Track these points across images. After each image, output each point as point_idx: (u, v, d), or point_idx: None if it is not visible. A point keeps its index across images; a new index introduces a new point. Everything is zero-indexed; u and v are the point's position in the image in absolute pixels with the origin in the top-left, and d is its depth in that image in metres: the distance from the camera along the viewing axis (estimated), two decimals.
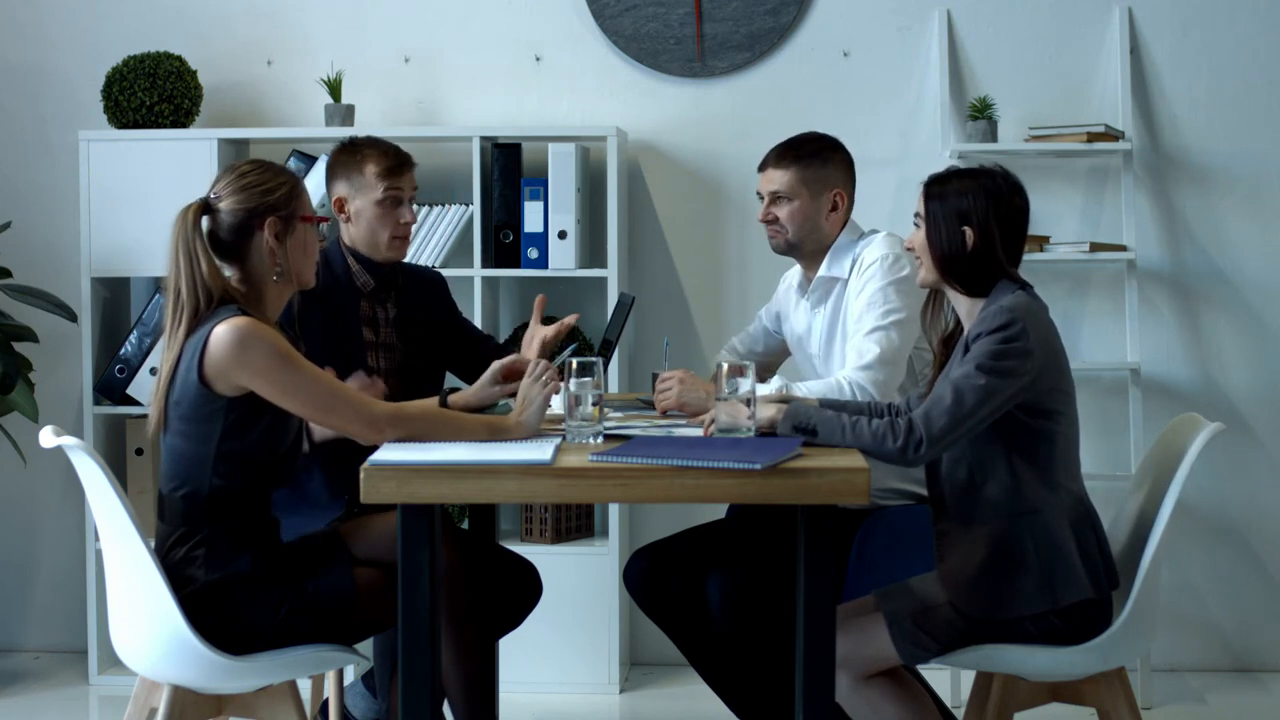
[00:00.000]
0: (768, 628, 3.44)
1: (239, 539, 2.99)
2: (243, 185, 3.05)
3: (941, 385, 2.89)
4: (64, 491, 5.00)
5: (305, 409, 2.96)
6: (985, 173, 3.05)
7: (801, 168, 3.62)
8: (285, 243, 3.06)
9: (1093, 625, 2.99)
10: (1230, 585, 4.83)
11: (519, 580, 3.66)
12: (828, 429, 2.90)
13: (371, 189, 3.70)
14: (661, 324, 4.88)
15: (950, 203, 3.01)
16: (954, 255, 2.99)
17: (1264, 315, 4.79)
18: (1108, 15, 4.77)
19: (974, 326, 2.94)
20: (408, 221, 3.73)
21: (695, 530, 3.71)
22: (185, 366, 2.95)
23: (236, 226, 3.03)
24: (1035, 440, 2.96)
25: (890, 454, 2.83)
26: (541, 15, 4.90)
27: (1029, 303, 2.97)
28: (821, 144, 3.68)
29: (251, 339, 2.90)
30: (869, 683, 3.02)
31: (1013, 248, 3.02)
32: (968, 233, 2.98)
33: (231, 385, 2.93)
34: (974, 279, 3.00)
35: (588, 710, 4.53)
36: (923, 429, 2.83)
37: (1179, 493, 3.07)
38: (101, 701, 4.65)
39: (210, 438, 2.96)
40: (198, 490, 2.98)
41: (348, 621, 3.07)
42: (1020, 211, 3.03)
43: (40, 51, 4.99)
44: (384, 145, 3.78)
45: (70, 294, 4.77)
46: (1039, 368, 2.93)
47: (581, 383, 3.00)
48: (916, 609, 3.00)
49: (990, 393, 2.86)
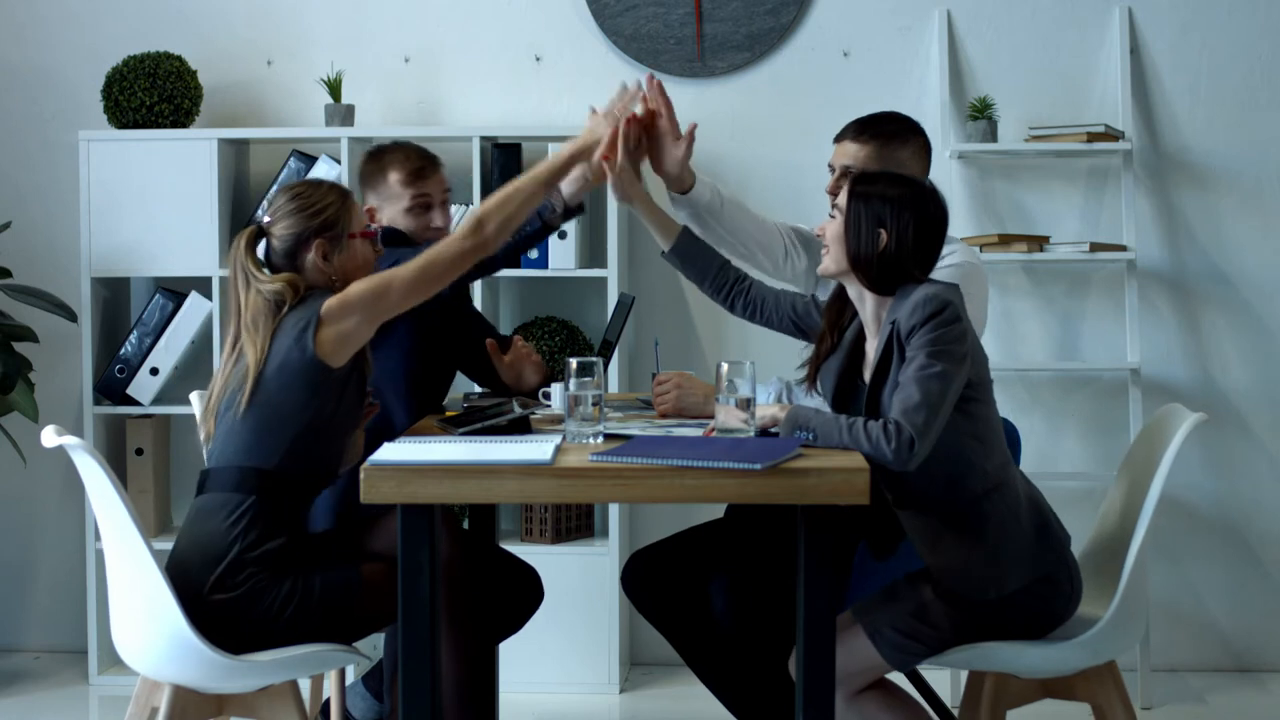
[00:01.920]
0: (771, 631, 3.44)
1: (281, 520, 3.05)
2: (292, 209, 3.19)
3: (904, 387, 2.89)
4: (64, 491, 5.00)
5: (419, 285, 3.09)
6: (914, 181, 3.06)
7: (880, 145, 3.49)
8: (334, 260, 3.19)
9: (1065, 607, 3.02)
10: (1230, 585, 4.83)
11: (520, 584, 3.66)
12: (826, 431, 2.90)
13: (398, 198, 3.66)
14: (662, 324, 4.89)
15: (873, 199, 3.01)
16: (866, 255, 3.00)
17: (1264, 315, 4.79)
18: (1108, 15, 4.77)
19: (904, 320, 2.93)
20: (439, 226, 3.68)
21: (692, 531, 3.71)
22: (289, 339, 3.05)
23: (287, 250, 3.20)
24: (976, 419, 2.98)
25: (886, 455, 2.83)
26: (541, 15, 4.91)
27: (947, 288, 2.98)
28: (903, 125, 3.56)
29: (343, 293, 3.08)
30: (861, 697, 3.03)
31: (924, 258, 3.03)
32: (882, 234, 2.99)
33: (343, 347, 3.05)
34: (880, 278, 3.01)
35: (588, 710, 4.53)
36: (908, 427, 2.83)
37: (1164, 484, 3.07)
38: (101, 701, 4.66)
39: (304, 410, 3.05)
40: (264, 463, 3.05)
41: (350, 617, 3.09)
42: (939, 224, 3.04)
43: (40, 51, 4.99)
44: (407, 149, 3.72)
45: (70, 294, 4.77)
46: (972, 346, 2.97)
47: (581, 383, 3.01)
48: (897, 615, 3.01)
49: (949, 376, 2.88)
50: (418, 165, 3.67)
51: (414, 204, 3.65)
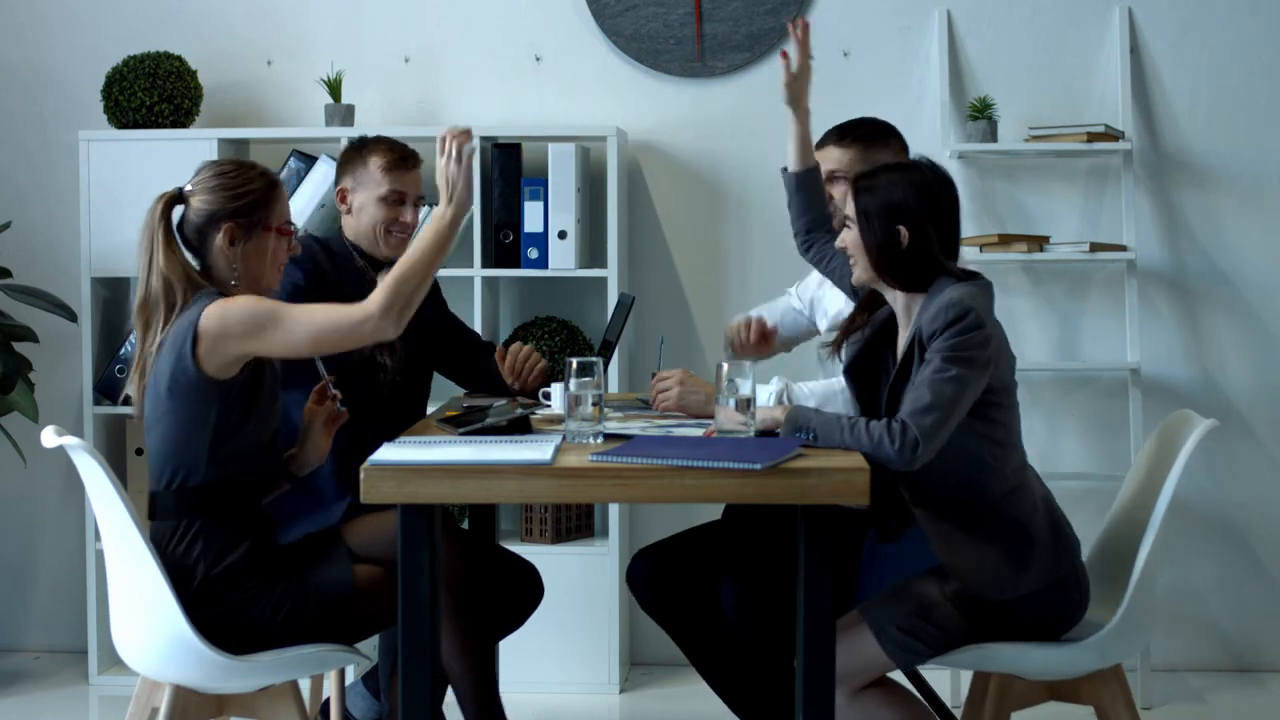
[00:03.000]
0: (776, 630, 3.44)
1: (234, 528, 3.00)
2: (213, 185, 3.08)
3: (917, 388, 2.88)
4: (64, 491, 5.00)
5: (303, 346, 2.94)
6: (913, 165, 3.04)
7: (862, 149, 3.57)
8: (240, 248, 3.07)
9: (1074, 612, 3.02)
10: (1230, 585, 4.83)
11: (520, 582, 3.66)
12: (827, 431, 2.90)
13: (374, 184, 3.69)
14: (661, 324, 4.88)
15: (880, 198, 2.99)
16: (889, 253, 2.98)
17: (1264, 315, 4.79)
18: (1108, 15, 4.77)
19: (926, 325, 2.92)
20: (407, 222, 3.72)
21: (698, 530, 3.71)
22: (174, 353, 2.95)
23: (198, 225, 3.08)
24: (997, 424, 2.97)
25: (889, 455, 2.83)
26: (541, 15, 4.91)
27: (974, 291, 2.95)
28: (881, 128, 3.64)
29: (229, 304, 2.93)
30: (863, 694, 3.03)
31: (948, 241, 3.01)
32: (901, 231, 2.97)
33: (225, 362, 2.93)
34: (911, 276, 2.99)
35: (588, 710, 4.53)
36: (914, 428, 2.83)
37: (1174, 489, 3.07)
38: (101, 701, 4.65)
39: (206, 421, 2.96)
40: (189, 480, 2.99)
41: (348, 619, 3.08)
42: (951, 204, 3.02)
43: (40, 51, 4.99)
44: (392, 142, 3.76)
45: (70, 294, 4.77)
46: (997, 352, 2.95)
47: (581, 383, 3.00)
48: (903, 614, 3.01)
49: (964, 380, 2.86)
50: (400, 157, 3.72)
51: (389, 193, 3.69)
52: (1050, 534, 3.01)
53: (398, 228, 3.70)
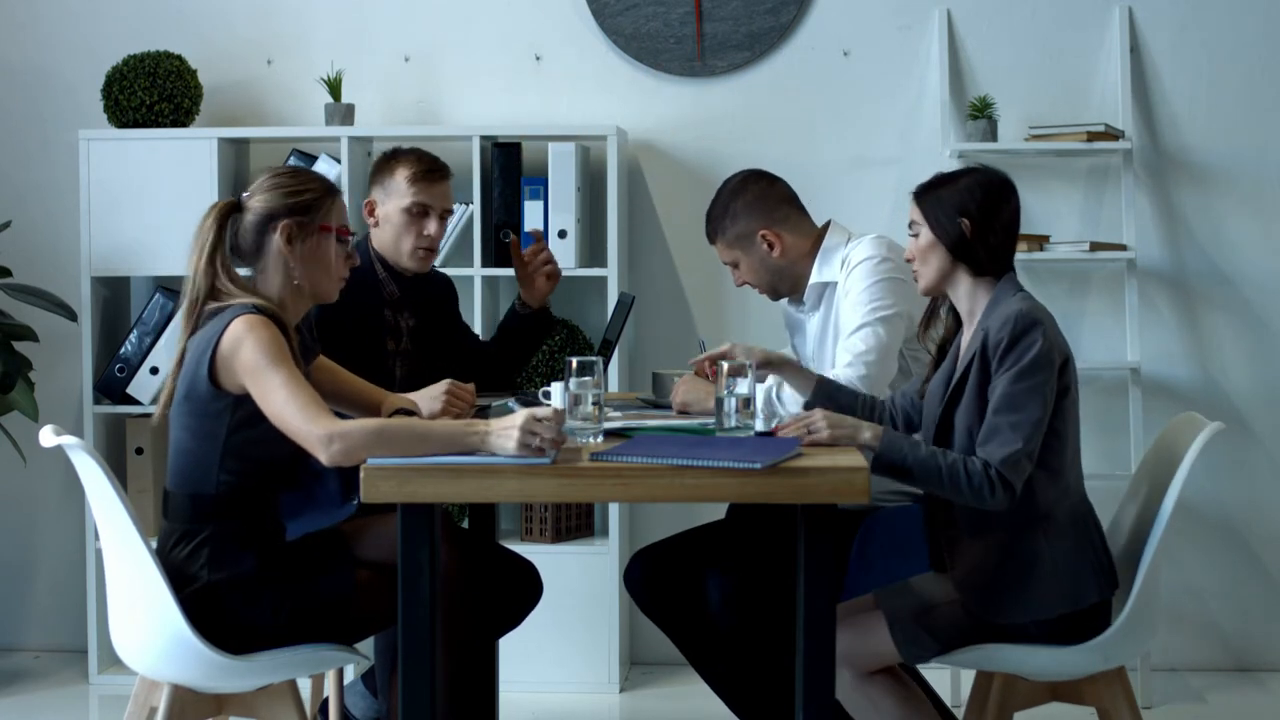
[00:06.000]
0: (767, 627, 3.44)
1: (244, 540, 2.99)
2: (271, 185, 3.05)
3: (1002, 434, 2.88)
4: (64, 491, 5.00)
5: (267, 412, 2.87)
6: (975, 169, 3.12)
7: (722, 234, 3.63)
8: (296, 248, 3.02)
9: (1094, 625, 2.99)
10: (1230, 585, 4.83)
11: (519, 580, 3.66)
12: (924, 472, 2.90)
13: (400, 195, 3.67)
14: (661, 324, 4.89)
15: (945, 198, 3.05)
16: (962, 243, 3.03)
17: (1264, 315, 4.79)
18: (1108, 15, 4.77)
19: (993, 334, 2.94)
20: (431, 234, 3.69)
21: (695, 531, 3.72)
22: (195, 362, 2.95)
23: (255, 226, 3.03)
24: (1050, 450, 2.97)
25: (985, 504, 2.88)
26: (541, 15, 4.91)
27: (1037, 304, 2.99)
28: (720, 202, 3.64)
29: (244, 335, 2.88)
30: (870, 679, 3.03)
31: (1007, 243, 3.06)
32: (965, 224, 3.01)
33: (235, 382, 2.93)
34: (985, 262, 3.03)
35: (588, 710, 4.52)
36: (1013, 479, 2.86)
37: (1179, 493, 3.07)
38: (101, 701, 4.65)
39: (217, 435, 2.96)
40: (204, 489, 2.98)
41: (347, 620, 3.08)
42: (1014, 211, 3.07)
43: (40, 51, 4.99)
44: (421, 153, 3.74)
45: (70, 294, 4.77)
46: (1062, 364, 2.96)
47: (581, 382, 3.00)
48: (917, 608, 3.00)
49: (1042, 420, 2.90)
50: (428, 168, 3.70)
51: (413, 205, 3.66)
52: (1071, 568, 2.97)
53: (422, 240, 3.67)
